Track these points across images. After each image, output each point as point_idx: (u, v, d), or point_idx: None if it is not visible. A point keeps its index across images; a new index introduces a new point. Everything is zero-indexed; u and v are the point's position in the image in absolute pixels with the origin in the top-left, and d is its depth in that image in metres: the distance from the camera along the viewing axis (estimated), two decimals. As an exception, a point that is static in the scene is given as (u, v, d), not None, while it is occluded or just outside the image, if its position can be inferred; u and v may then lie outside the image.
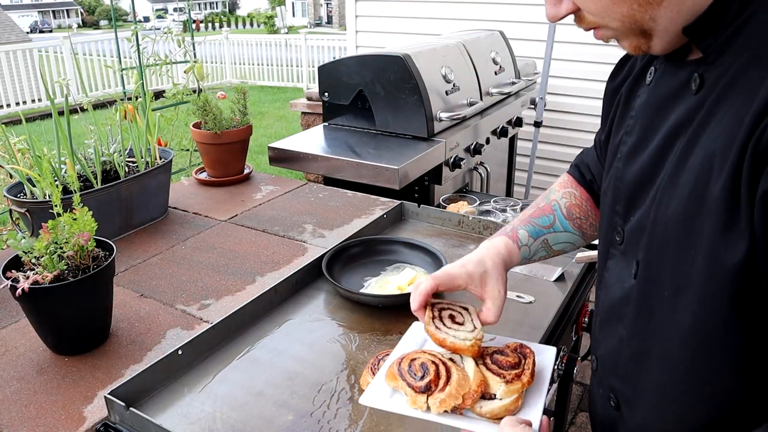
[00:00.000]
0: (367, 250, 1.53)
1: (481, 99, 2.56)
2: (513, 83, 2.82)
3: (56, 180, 1.58)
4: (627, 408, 0.81)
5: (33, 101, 10.20)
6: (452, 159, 2.30)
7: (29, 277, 1.10)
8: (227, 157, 2.14)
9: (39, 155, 1.57)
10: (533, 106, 3.30)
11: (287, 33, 27.04)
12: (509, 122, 2.84)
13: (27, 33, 27.55)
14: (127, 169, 1.77)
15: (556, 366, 1.27)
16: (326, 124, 2.45)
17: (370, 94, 2.27)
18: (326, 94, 2.39)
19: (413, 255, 1.50)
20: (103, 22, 53.23)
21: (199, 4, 59.06)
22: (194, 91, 2.65)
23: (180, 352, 1.09)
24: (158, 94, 2.74)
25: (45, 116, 8.06)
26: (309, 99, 4.64)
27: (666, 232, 0.68)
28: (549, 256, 1.03)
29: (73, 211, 1.18)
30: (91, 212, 1.19)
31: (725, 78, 0.62)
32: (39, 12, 54.87)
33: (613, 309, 0.81)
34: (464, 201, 2.09)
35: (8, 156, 1.63)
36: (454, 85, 2.37)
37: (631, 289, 0.76)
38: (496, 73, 2.76)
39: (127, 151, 1.81)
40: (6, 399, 1.07)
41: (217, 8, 62.99)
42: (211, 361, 1.13)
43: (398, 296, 1.29)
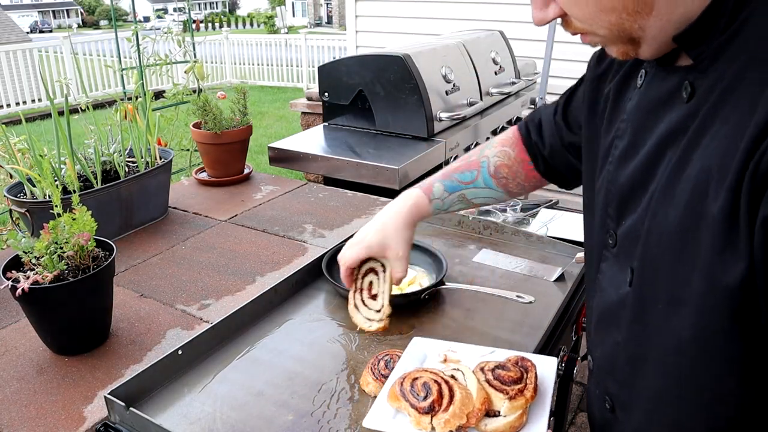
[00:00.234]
0: (367, 250, 1.53)
1: (481, 99, 2.57)
2: (513, 83, 2.82)
3: (56, 180, 1.58)
4: (622, 411, 0.81)
5: (33, 101, 10.21)
6: (452, 159, 2.30)
7: (29, 277, 1.10)
8: (227, 157, 2.14)
9: (39, 155, 1.57)
10: (533, 106, 3.30)
11: (287, 33, 27.05)
12: (509, 122, 2.84)
13: (27, 33, 27.56)
14: (127, 169, 1.77)
15: (557, 366, 1.27)
16: (326, 124, 2.45)
17: (370, 94, 2.27)
18: (326, 94, 2.39)
19: (413, 255, 1.48)
20: (103, 22, 53.24)
21: (199, 4, 59.07)
22: (194, 91, 2.65)
23: (180, 352, 1.09)
24: (158, 94, 2.74)
25: (45, 116, 8.07)
26: (309, 99, 4.64)
27: (661, 244, 0.67)
28: (467, 208, 1.10)
29: (73, 211, 1.18)
30: (91, 212, 1.19)
31: (719, 87, 0.61)
32: (39, 12, 54.89)
33: (609, 312, 0.81)
34: (464, 201, 2.09)
35: (8, 156, 1.63)
36: (454, 85, 2.37)
37: (627, 296, 0.75)
38: (496, 73, 2.76)
39: (127, 151, 1.81)
40: (6, 399, 1.07)
41: (217, 8, 63.01)
42: (211, 361, 1.13)
43: (398, 296, 1.29)
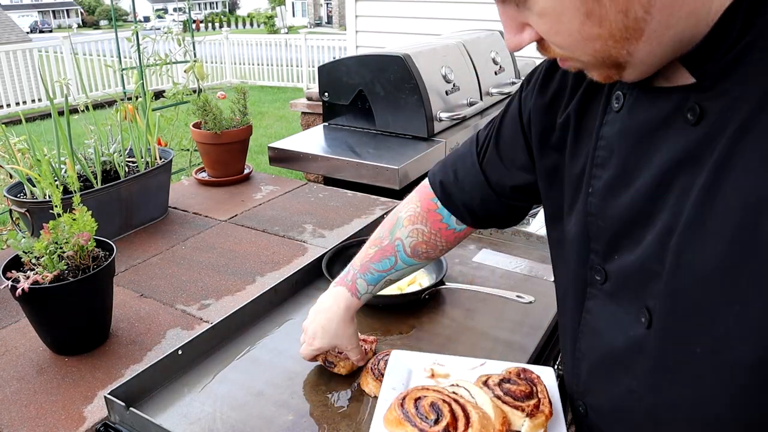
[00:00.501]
0: (367, 250, 1.53)
1: (481, 99, 2.56)
2: (513, 83, 2.82)
3: (56, 180, 1.58)
4: None
5: (33, 101, 10.20)
6: (452, 159, 2.30)
7: (29, 277, 1.10)
8: (227, 157, 2.14)
9: (39, 157, 1.57)
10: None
11: (287, 33, 27.05)
12: (509, 122, 2.83)
13: (27, 33, 27.56)
14: (127, 169, 1.77)
15: (556, 367, 1.27)
16: (326, 124, 2.45)
17: (370, 94, 2.27)
18: (326, 94, 2.39)
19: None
20: (103, 22, 53.25)
21: (199, 4, 59.08)
22: (194, 91, 2.65)
23: (180, 352, 1.09)
24: (158, 94, 2.74)
25: (45, 116, 8.06)
26: (309, 99, 4.64)
27: (699, 283, 0.60)
28: (393, 283, 1.11)
29: (73, 212, 1.18)
30: (91, 212, 1.19)
31: (740, 111, 0.56)
32: (39, 12, 54.90)
33: (612, 357, 0.73)
34: (464, 201, 2.09)
35: (8, 156, 1.63)
36: (454, 85, 2.37)
37: (644, 339, 0.67)
38: (496, 73, 2.76)
39: (127, 151, 1.81)
40: (6, 399, 1.07)
41: (217, 8, 63.02)
42: (211, 361, 1.13)
43: (398, 296, 1.29)
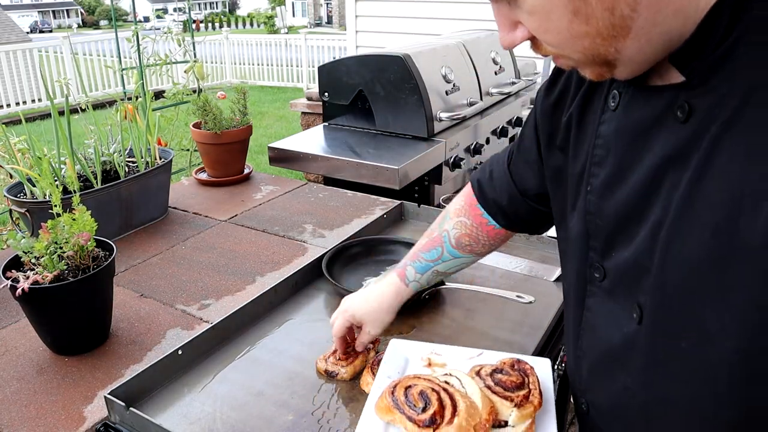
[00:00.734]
0: (367, 250, 1.53)
1: (481, 99, 2.56)
2: (513, 83, 2.81)
3: (56, 180, 1.58)
4: None
5: (33, 101, 10.20)
6: (452, 159, 2.30)
7: (29, 277, 1.10)
8: (227, 157, 2.14)
9: (39, 156, 1.57)
10: (533, 106, 3.30)
11: (287, 33, 27.05)
12: (509, 122, 2.83)
13: (27, 33, 27.56)
14: (127, 169, 1.77)
15: (556, 366, 1.27)
16: (326, 124, 2.45)
17: (370, 94, 2.27)
18: (326, 94, 2.39)
19: (413, 255, 1.49)
20: (103, 22, 53.24)
21: (199, 4, 59.07)
22: (194, 91, 2.65)
23: (180, 352, 1.09)
24: (158, 94, 2.74)
25: (45, 116, 8.06)
26: (309, 99, 4.64)
27: (683, 277, 0.61)
28: (443, 277, 1.14)
29: (73, 212, 1.18)
30: (91, 212, 1.19)
31: (728, 106, 0.57)
32: (39, 12, 54.89)
33: (610, 355, 0.74)
34: (464, 201, 2.09)
35: (8, 156, 1.63)
36: (454, 85, 2.37)
37: (636, 335, 0.69)
38: (496, 73, 2.76)
39: (127, 151, 1.81)
40: (6, 399, 1.07)
41: (217, 8, 63.01)
42: (211, 361, 1.13)
43: (398, 296, 1.29)
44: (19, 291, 1.08)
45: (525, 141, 0.97)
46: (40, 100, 10.16)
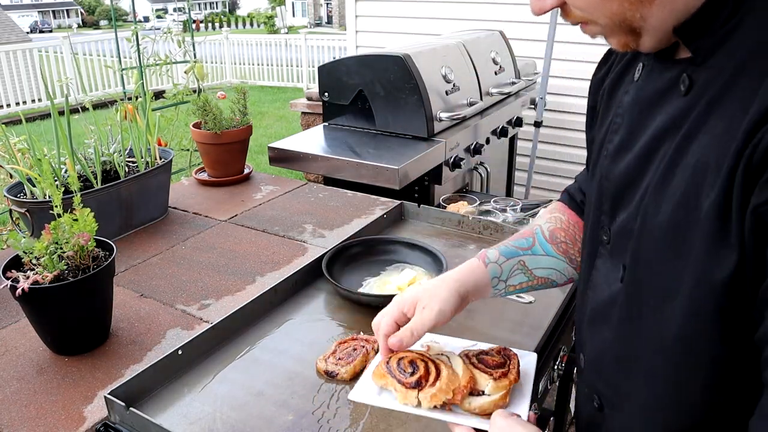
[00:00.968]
0: (367, 250, 1.53)
1: (481, 99, 2.56)
2: (513, 83, 2.81)
3: (56, 180, 1.58)
4: (610, 411, 0.81)
5: (33, 101, 10.21)
6: (452, 159, 2.30)
7: (29, 277, 1.10)
8: (227, 157, 2.14)
9: (39, 158, 1.57)
10: (533, 106, 3.30)
11: (287, 33, 27.04)
12: (509, 122, 2.84)
13: (27, 33, 27.56)
14: (127, 169, 1.77)
15: (556, 366, 1.27)
16: (326, 124, 2.45)
17: (370, 94, 2.27)
18: (326, 94, 2.39)
19: (413, 255, 1.50)
20: (103, 22, 53.24)
21: (199, 4, 59.06)
22: (194, 91, 2.65)
23: (180, 352, 1.09)
24: (158, 94, 2.74)
25: (45, 116, 8.05)
26: (309, 99, 4.64)
27: (654, 240, 0.67)
28: (532, 283, 0.95)
29: (74, 212, 1.18)
30: (92, 212, 1.19)
31: (717, 82, 0.61)
32: (39, 12, 54.89)
33: (600, 310, 0.80)
34: (464, 201, 2.09)
35: (8, 156, 1.63)
36: (454, 85, 2.37)
37: (618, 293, 0.75)
38: (496, 73, 2.76)
39: (127, 151, 1.81)
40: (6, 399, 1.07)
41: (217, 8, 63.00)
42: (211, 361, 1.13)
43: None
44: (19, 291, 1.08)
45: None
46: (40, 100, 10.16)
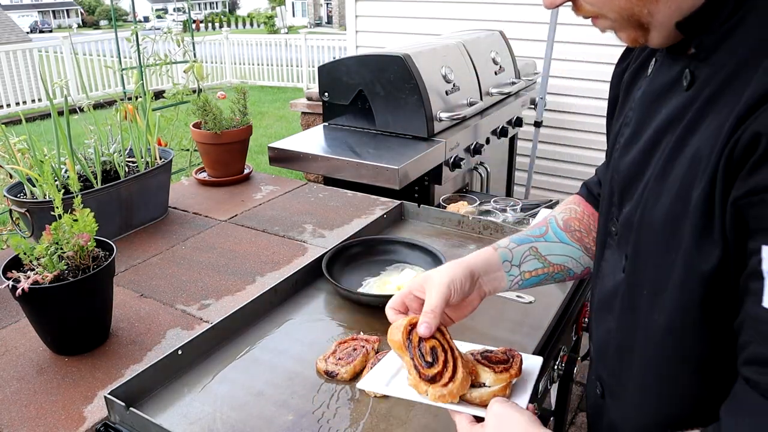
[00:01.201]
0: (367, 250, 1.53)
1: (481, 99, 2.56)
2: (513, 83, 2.81)
3: (56, 180, 1.58)
4: (611, 398, 0.83)
5: (33, 101, 10.20)
6: (452, 159, 2.30)
7: (29, 277, 1.10)
8: (227, 157, 2.14)
9: (39, 157, 1.57)
10: (533, 106, 3.30)
11: (287, 33, 27.03)
12: (509, 122, 2.83)
13: (27, 33, 27.55)
14: (127, 169, 1.77)
15: (556, 366, 1.27)
16: (326, 124, 2.45)
17: (370, 94, 2.27)
18: (326, 94, 2.39)
19: (413, 255, 1.50)
20: (103, 22, 53.23)
21: (199, 4, 59.05)
22: (194, 91, 2.65)
23: (180, 352, 1.09)
24: (158, 94, 2.74)
25: (45, 116, 8.06)
26: (309, 99, 4.64)
27: (652, 233, 0.69)
28: (548, 270, 0.95)
29: (74, 212, 1.18)
30: (92, 212, 1.19)
31: (718, 78, 0.62)
32: (39, 12, 54.87)
33: (605, 300, 0.82)
34: (464, 201, 2.09)
35: (8, 156, 1.63)
36: (454, 85, 2.37)
37: (620, 283, 0.77)
38: (496, 73, 2.76)
39: (127, 151, 1.81)
40: (6, 399, 1.07)
41: (217, 8, 62.99)
42: (211, 361, 1.13)
43: (398, 296, 1.29)
44: (19, 291, 1.08)
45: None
46: (40, 100, 10.16)
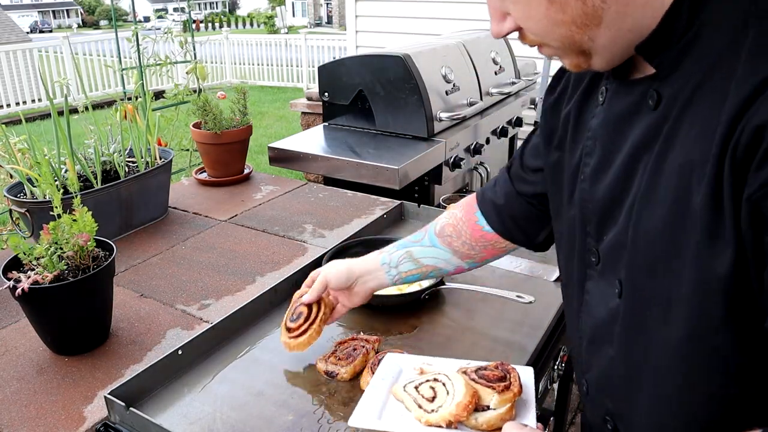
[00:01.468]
0: (367, 250, 1.51)
1: (481, 99, 2.56)
2: (513, 83, 2.81)
3: (56, 180, 1.58)
4: (624, 427, 0.81)
5: (33, 101, 10.20)
6: (452, 159, 2.30)
7: (29, 277, 1.10)
8: (227, 157, 2.14)
9: (39, 158, 1.57)
10: (533, 106, 3.30)
11: (287, 33, 27.03)
12: (509, 122, 2.83)
13: (27, 33, 27.55)
14: (127, 169, 1.77)
15: (556, 366, 1.27)
16: (326, 124, 2.45)
17: (370, 94, 2.27)
18: (326, 94, 2.39)
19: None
20: (103, 22, 53.22)
21: (199, 4, 59.06)
22: (194, 91, 2.65)
23: (180, 352, 1.09)
24: (158, 94, 2.74)
25: (45, 116, 8.05)
26: (309, 99, 4.64)
27: (648, 246, 0.68)
28: (420, 270, 1.10)
29: (74, 212, 1.18)
30: (91, 212, 1.19)
31: (685, 91, 0.63)
32: (39, 12, 54.88)
33: (600, 330, 0.80)
34: (464, 201, 2.09)
35: (8, 156, 1.63)
36: (454, 85, 2.37)
37: (617, 308, 0.75)
38: (496, 73, 2.76)
39: (127, 151, 1.81)
40: (6, 399, 1.07)
41: (217, 8, 63.00)
42: (211, 361, 1.13)
43: (398, 296, 1.29)
44: (19, 291, 1.08)
45: (529, 143, 1.03)
46: (40, 100, 10.15)
